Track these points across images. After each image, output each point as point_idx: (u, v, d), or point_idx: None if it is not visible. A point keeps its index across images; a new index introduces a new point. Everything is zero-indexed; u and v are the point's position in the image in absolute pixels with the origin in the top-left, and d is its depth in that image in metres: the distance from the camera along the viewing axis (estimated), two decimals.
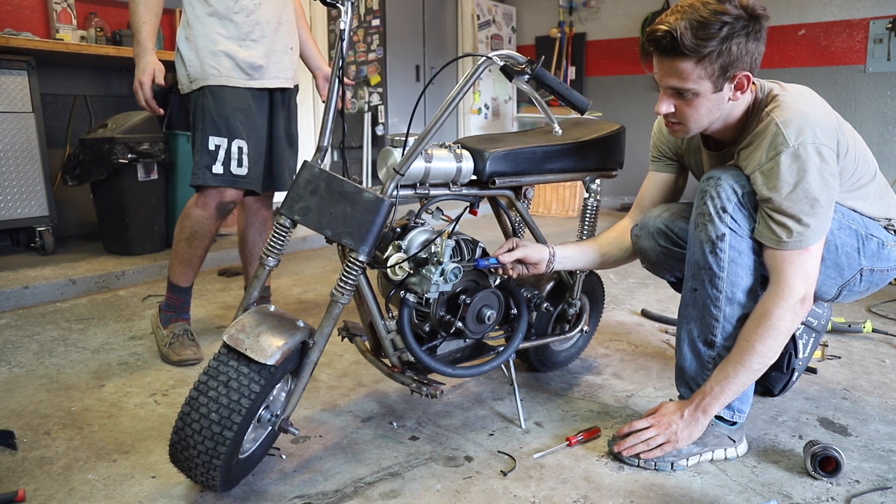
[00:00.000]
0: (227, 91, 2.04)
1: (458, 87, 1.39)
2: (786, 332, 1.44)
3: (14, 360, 2.18)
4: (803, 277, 1.42)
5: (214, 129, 2.04)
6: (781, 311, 1.42)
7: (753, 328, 1.45)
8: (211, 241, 2.16)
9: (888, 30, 4.68)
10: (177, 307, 2.23)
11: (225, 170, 2.04)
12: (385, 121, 5.25)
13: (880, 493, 1.41)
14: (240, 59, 2.04)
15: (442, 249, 1.46)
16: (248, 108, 2.08)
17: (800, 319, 1.45)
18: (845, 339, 2.40)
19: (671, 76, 1.41)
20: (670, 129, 1.53)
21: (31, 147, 3.27)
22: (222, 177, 2.05)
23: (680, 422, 1.51)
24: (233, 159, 2.04)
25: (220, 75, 2.03)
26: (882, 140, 4.83)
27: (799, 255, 1.41)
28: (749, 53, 1.37)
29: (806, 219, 1.38)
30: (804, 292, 1.43)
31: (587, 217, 1.92)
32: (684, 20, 1.34)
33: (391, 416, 1.78)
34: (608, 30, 6.00)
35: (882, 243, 1.57)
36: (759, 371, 1.47)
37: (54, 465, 1.53)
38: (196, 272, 2.22)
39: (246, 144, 2.06)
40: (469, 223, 4.47)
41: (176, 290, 2.22)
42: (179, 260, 2.17)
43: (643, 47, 1.44)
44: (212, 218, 2.12)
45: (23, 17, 3.52)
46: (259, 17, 2.08)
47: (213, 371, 1.30)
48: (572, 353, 2.13)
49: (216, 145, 2.03)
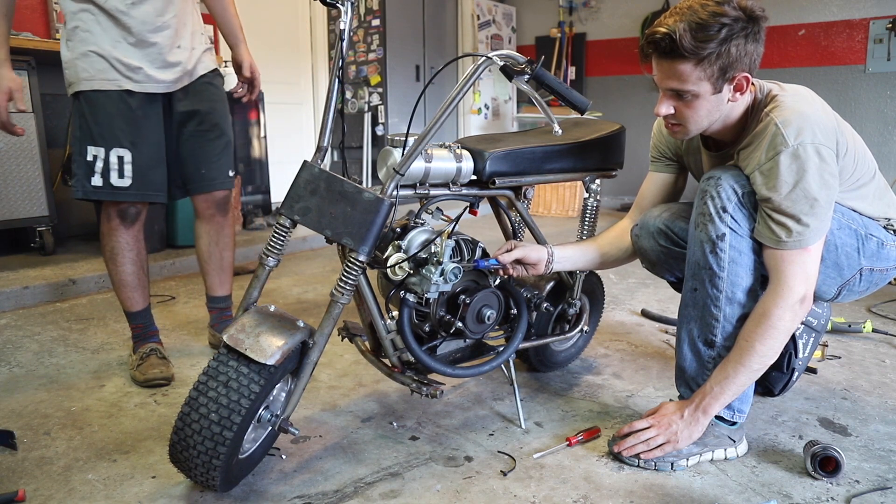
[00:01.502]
0: (101, 96, 1.86)
1: (458, 87, 1.39)
2: (786, 331, 1.44)
3: (14, 360, 2.18)
4: (803, 277, 1.42)
5: (90, 138, 1.88)
6: (781, 310, 1.42)
7: (753, 328, 1.45)
8: (135, 254, 2.01)
9: (888, 30, 4.68)
10: (139, 335, 2.09)
11: (104, 182, 1.88)
12: (385, 121, 5.25)
13: (880, 493, 1.41)
14: (114, 60, 1.85)
15: (442, 249, 1.46)
16: (130, 113, 1.89)
17: (800, 319, 1.45)
18: (845, 339, 2.40)
19: (671, 78, 1.41)
20: (670, 131, 1.53)
21: (31, 147, 3.26)
22: (102, 190, 1.89)
23: (680, 422, 1.51)
24: (112, 170, 1.88)
25: (92, 78, 1.85)
26: (882, 140, 4.83)
27: (799, 255, 1.41)
28: (748, 55, 1.38)
29: (805, 218, 1.38)
30: (804, 292, 1.43)
31: (587, 217, 1.92)
32: (683, 22, 1.34)
33: (391, 416, 1.78)
34: (608, 30, 6.00)
35: (882, 243, 1.57)
36: (759, 371, 1.47)
37: (54, 465, 1.53)
38: (143, 292, 2.07)
39: (129, 153, 1.89)
40: (469, 223, 4.47)
41: (132, 318, 2.08)
42: (116, 284, 2.04)
43: (642, 49, 1.44)
44: (119, 229, 1.97)
45: (23, 17, 3.52)
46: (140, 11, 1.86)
47: (212, 371, 1.30)
48: (572, 353, 2.13)
49: (94, 156, 1.88)
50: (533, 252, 1.64)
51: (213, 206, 2.15)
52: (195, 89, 2.03)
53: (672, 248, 1.65)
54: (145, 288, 2.09)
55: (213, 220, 2.18)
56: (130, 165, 1.90)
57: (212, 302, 2.29)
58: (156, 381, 1.95)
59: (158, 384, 1.96)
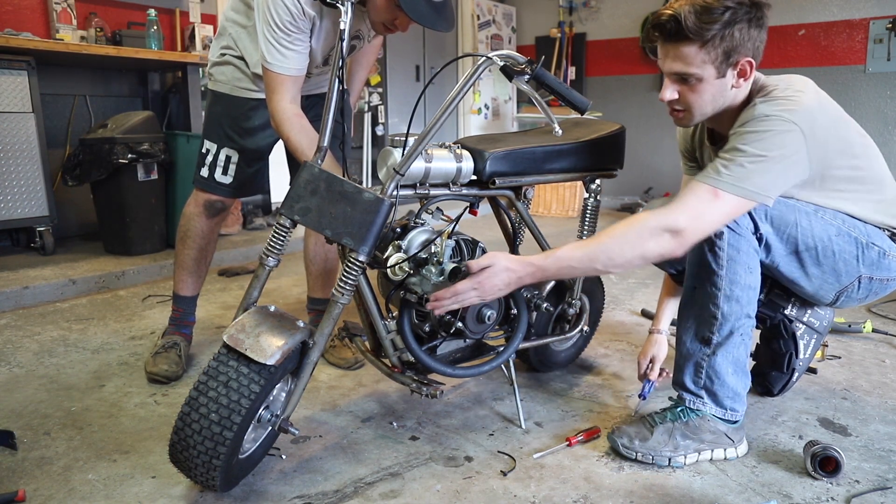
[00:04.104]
0: (226, 99, 2.00)
1: (458, 87, 1.39)
2: (637, 245, 1.37)
3: (14, 360, 2.18)
4: (693, 213, 1.37)
5: (208, 132, 2.03)
6: (649, 223, 1.37)
7: (617, 225, 1.40)
8: (205, 242, 2.10)
9: (888, 30, 4.68)
10: (177, 319, 2.16)
11: (209, 175, 2.02)
12: (385, 121, 5.25)
13: (880, 493, 1.41)
14: (252, 74, 1.96)
15: (442, 249, 1.46)
16: (252, 119, 1.99)
17: (659, 251, 1.38)
18: (845, 339, 2.40)
19: (675, 60, 1.42)
20: (675, 118, 1.54)
21: (31, 147, 3.26)
22: (207, 181, 2.03)
23: (503, 272, 1.42)
24: (218, 166, 2.01)
25: (225, 83, 1.99)
26: (882, 140, 4.83)
27: (705, 193, 1.37)
28: (751, 39, 1.40)
29: (735, 165, 1.37)
30: (683, 226, 1.36)
31: (587, 217, 1.92)
32: (688, 5, 1.38)
33: (391, 416, 1.78)
34: (608, 30, 6.00)
35: (884, 253, 1.57)
36: (589, 267, 1.41)
37: (54, 465, 1.53)
38: (197, 280, 2.15)
39: (237, 154, 2.01)
40: (469, 223, 4.47)
41: (177, 301, 2.16)
42: (177, 264, 2.13)
43: (647, 35, 1.47)
44: (200, 216, 2.07)
45: (23, 17, 3.51)
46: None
47: (212, 371, 1.30)
48: (572, 353, 2.13)
49: (206, 149, 2.02)
50: (661, 351, 1.80)
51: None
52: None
53: None
54: (200, 278, 2.16)
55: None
56: (235, 166, 2.02)
57: (311, 303, 2.32)
58: (158, 378, 1.98)
59: (159, 381, 1.98)
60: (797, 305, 1.79)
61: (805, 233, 1.50)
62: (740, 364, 1.55)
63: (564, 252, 1.41)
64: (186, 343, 2.14)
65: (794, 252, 1.53)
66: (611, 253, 1.38)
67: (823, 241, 1.51)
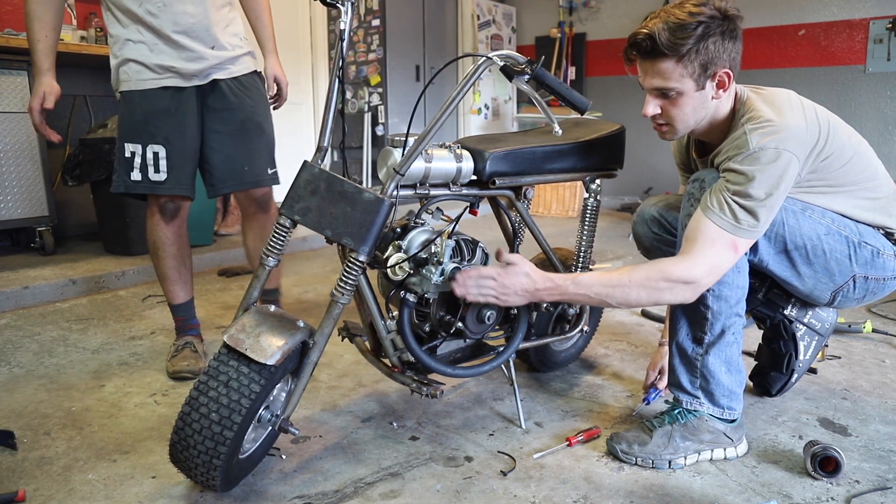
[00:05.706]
0: (136, 96, 1.96)
1: (458, 87, 1.39)
2: (654, 295, 1.42)
3: (14, 360, 2.18)
4: (712, 266, 1.41)
5: (128, 135, 1.98)
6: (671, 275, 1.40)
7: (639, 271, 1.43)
8: (176, 248, 2.08)
9: (888, 30, 4.68)
10: (180, 326, 2.18)
11: (143, 176, 1.97)
12: (385, 121, 5.25)
13: (880, 493, 1.41)
14: (150, 63, 1.94)
15: (442, 249, 1.46)
16: (164, 110, 1.96)
17: (673, 300, 1.43)
18: (845, 339, 2.40)
19: (654, 76, 1.45)
20: (659, 133, 1.58)
21: (31, 147, 3.26)
22: (141, 184, 1.97)
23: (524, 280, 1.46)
24: (149, 165, 1.96)
25: (129, 80, 1.96)
26: (882, 140, 4.83)
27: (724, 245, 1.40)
28: (727, 51, 1.43)
29: (749, 206, 1.39)
30: (700, 279, 1.41)
31: (587, 217, 1.92)
32: (662, 23, 1.41)
33: (391, 416, 1.78)
34: (608, 30, 6.00)
35: (877, 252, 1.58)
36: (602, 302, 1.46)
37: (54, 465, 1.53)
38: (184, 286, 2.14)
39: (164, 149, 1.97)
40: (469, 223, 4.47)
41: (174, 310, 2.17)
42: (159, 277, 2.12)
43: (626, 54, 1.50)
44: (159, 224, 2.04)
45: (23, 17, 3.51)
46: (169, 14, 1.92)
47: (213, 371, 1.30)
48: (572, 353, 2.13)
49: (131, 152, 1.97)
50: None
51: (253, 203, 2.22)
52: (234, 88, 2.07)
53: (664, 236, 1.72)
54: (187, 282, 2.16)
55: (256, 218, 2.25)
56: (165, 161, 1.98)
57: (264, 295, 2.31)
58: (182, 375, 2.01)
59: (185, 377, 2.01)
60: (798, 306, 1.79)
61: (793, 231, 1.51)
62: (733, 362, 1.56)
63: (585, 280, 1.45)
64: (199, 340, 2.17)
65: (783, 251, 1.54)
66: (628, 296, 1.43)
67: (812, 240, 1.52)
